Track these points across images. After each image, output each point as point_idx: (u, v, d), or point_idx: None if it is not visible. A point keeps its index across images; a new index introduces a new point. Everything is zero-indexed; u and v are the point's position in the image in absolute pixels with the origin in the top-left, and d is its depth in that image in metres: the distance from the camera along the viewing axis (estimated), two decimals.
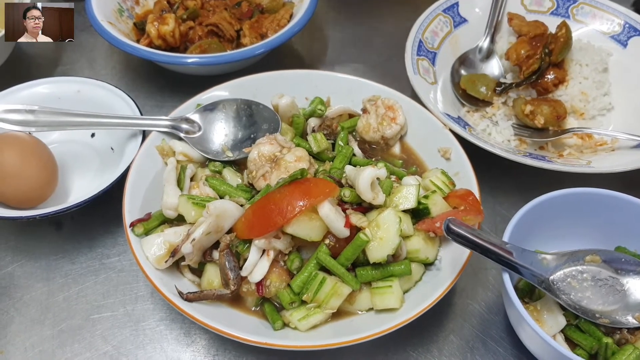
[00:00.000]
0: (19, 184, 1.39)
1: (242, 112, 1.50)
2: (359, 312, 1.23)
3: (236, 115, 1.50)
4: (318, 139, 1.40)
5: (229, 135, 1.48)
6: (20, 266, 1.42)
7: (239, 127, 1.49)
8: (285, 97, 1.48)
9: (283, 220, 1.14)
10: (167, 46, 1.76)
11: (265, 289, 1.19)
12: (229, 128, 1.49)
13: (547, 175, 1.51)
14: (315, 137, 1.40)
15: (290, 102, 1.48)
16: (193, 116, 1.47)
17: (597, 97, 1.73)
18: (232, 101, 1.51)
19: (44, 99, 1.60)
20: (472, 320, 1.35)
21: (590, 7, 1.90)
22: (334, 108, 1.53)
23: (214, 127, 1.48)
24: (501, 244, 1.14)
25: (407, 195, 1.26)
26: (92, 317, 1.33)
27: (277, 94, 1.49)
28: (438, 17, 1.84)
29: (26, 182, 1.40)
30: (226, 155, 1.43)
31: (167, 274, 1.22)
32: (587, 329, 1.19)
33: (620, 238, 1.31)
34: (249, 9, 1.88)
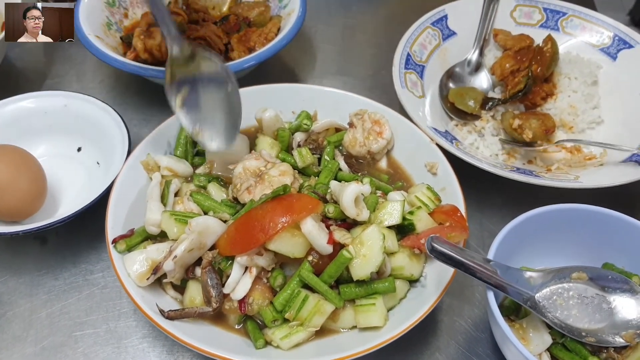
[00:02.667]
0: (9, 197, 1.38)
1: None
2: (342, 330, 1.21)
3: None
4: (303, 154, 1.39)
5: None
6: (3, 282, 1.40)
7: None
8: (269, 111, 1.46)
9: (265, 236, 1.13)
10: (154, 60, 1.75)
11: (247, 306, 1.18)
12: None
13: (535, 190, 1.50)
14: (301, 152, 1.39)
15: (274, 116, 1.47)
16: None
17: (586, 110, 1.72)
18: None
19: (30, 114, 1.60)
20: (458, 338, 1.33)
21: (579, 20, 1.89)
22: (320, 122, 1.52)
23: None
24: (485, 262, 1.13)
25: (391, 212, 1.25)
26: (74, 334, 1.32)
27: (261, 108, 1.47)
28: (427, 30, 1.83)
29: (15, 196, 1.39)
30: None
31: (149, 291, 1.21)
32: (574, 347, 1.17)
33: (607, 255, 1.30)
34: (237, 22, 1.87)
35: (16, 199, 1.39)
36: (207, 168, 1.44)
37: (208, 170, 1.44)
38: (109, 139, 1.54)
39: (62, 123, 1.62)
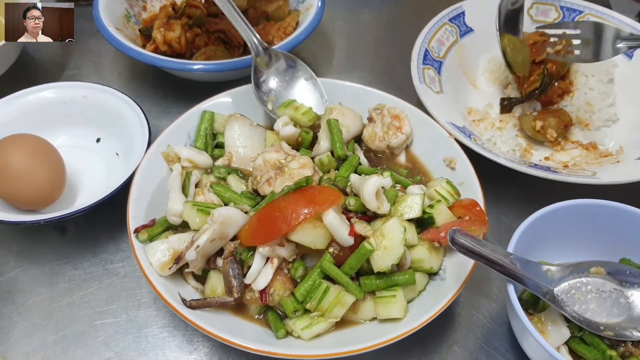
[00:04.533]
0: (28, 185, 1.39)
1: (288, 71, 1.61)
2: (362, 322, 1.22)
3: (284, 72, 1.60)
4: (325, 162, 1.39)
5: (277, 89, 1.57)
6: (24, 271, 1.42)
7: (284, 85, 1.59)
8: (289, 127, 1.45)
9: (287, 227, 1.14)
10: (173, 52, 1.76)
11: (268, 297, 1.19)
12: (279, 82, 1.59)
13: (551, 186, 1.51)
14: (322, 160, 1.39)
15: (294, 132, 1.45)
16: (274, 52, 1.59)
17: (602, 108, 1.73)
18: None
19: (50, 104, 1.61)
20: (475, 331, 1.34)
21: (595, 18, 1.90)
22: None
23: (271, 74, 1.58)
24: (505, 255, 1.14)
25: (412, 205, 1.26)
26: (95, 323, 1.33)
27: (282, 120, 1.46)
28: (444, 26, 1.84)
29: (35, 184, 1.40)
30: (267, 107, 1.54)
31: (171, 280, 1.22)
32: (592, 341, 1.18)
33: (624, 250, 1.31)
34: (255, 15, 1.88)
35: (35, 187, 1.40)
36: (227, 160, 1.45)
37: (227, 162, 1.45)
38: (128, 130, 1.55)
39: (81, 114, 1.63)
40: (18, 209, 1.43)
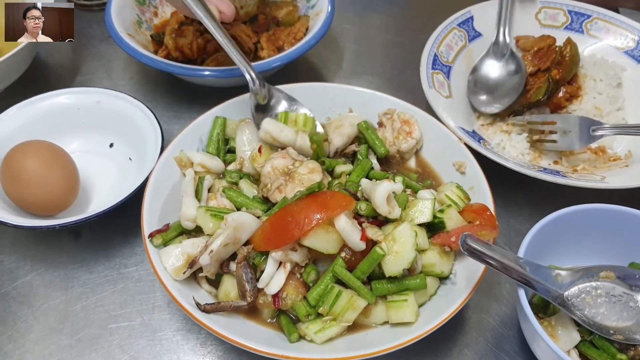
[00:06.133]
0: (43, 191, 1.41)
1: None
2: (374, 326, 1.24)
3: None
4: (301, 121, 1.41)
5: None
6: (39, 275, 1.44)
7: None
8: (304, 136, 1.46)
9: (300, 232, 1.16)
10: (185, 58, 1.78)
11: (281, 301, 1.20)
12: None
13: (561, 190, 1.52)
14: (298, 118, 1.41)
15: (307, 144, 1.46)
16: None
17: (611, 112, 1.73)
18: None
19: (64, 110, 1.63)
20: (486, 335, 1.35)
21: (604, 23, 1.91)
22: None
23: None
24: (516, 259, 1.15)
25: (422, 209, 1.27)
26: (109, 327, 1.35)
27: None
28: (453, 30, 1.85)
29: (49, 190, 1.42)
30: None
31: (185, 285, 1.24)
32: (602, 345, 1.19)
33: (634, 254, 1.31)
34: (265, 21, 1.89)
35: (49, 193, 1.42)
36: (238, 165, 1.46)
37: (239, 167, 1.46)
38: (141, 135, 1.57)
39: (94, 119, 1.65)
40: (33, 214, 1.45)
